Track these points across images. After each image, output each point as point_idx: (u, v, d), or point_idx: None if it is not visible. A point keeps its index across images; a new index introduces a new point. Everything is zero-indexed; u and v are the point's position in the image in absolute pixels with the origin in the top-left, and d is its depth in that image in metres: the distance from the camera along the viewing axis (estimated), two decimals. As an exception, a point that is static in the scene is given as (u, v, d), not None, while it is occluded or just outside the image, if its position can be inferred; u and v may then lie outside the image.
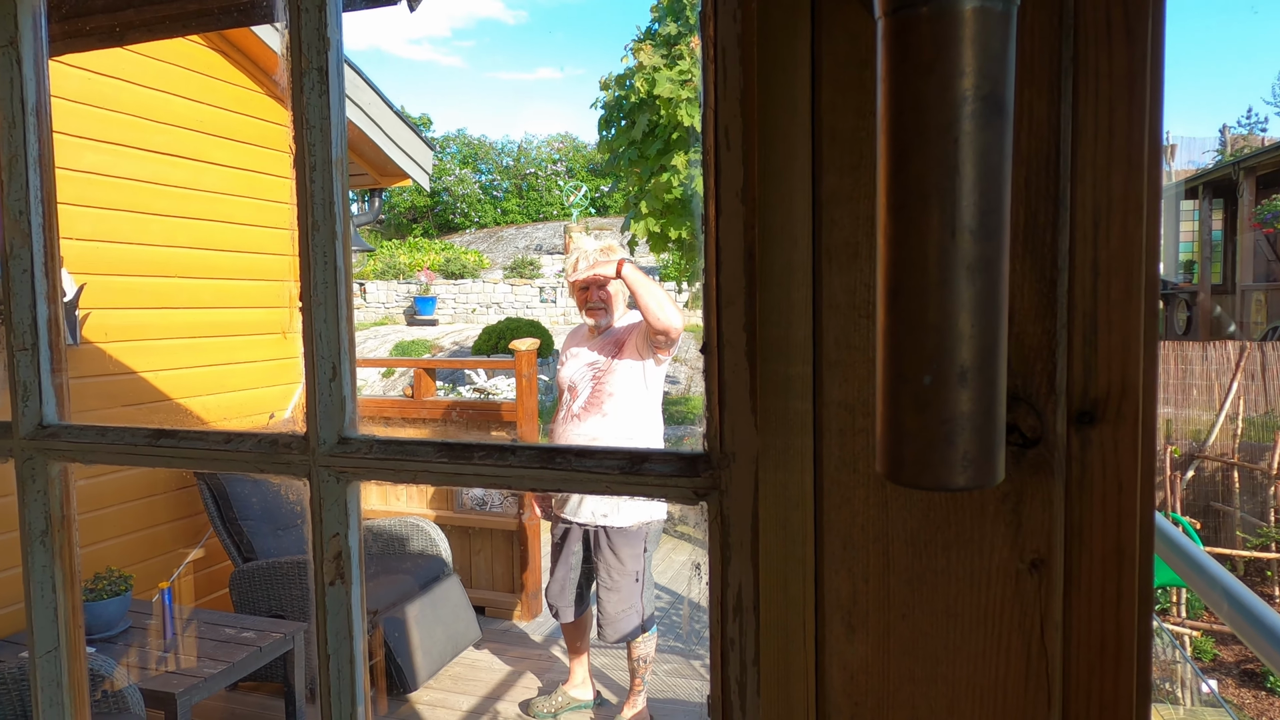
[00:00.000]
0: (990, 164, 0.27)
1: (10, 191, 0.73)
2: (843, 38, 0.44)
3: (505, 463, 0.60)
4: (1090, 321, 0.43)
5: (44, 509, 0.75)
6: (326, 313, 0.64)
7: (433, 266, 17.79)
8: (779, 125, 0.46)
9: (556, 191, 26.90)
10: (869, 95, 0.44)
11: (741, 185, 0.52)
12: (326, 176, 0.63)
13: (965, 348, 0.27)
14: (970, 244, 0.27)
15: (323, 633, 0.66)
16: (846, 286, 0.45)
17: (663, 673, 4.02)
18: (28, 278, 0.74)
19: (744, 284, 0.52)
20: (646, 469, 0.57)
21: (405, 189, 9.37)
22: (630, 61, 5.84)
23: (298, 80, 0.64)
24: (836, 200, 0.45)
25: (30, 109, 0.74)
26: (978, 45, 0.27)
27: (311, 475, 0.65)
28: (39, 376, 0.74)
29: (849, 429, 0.46)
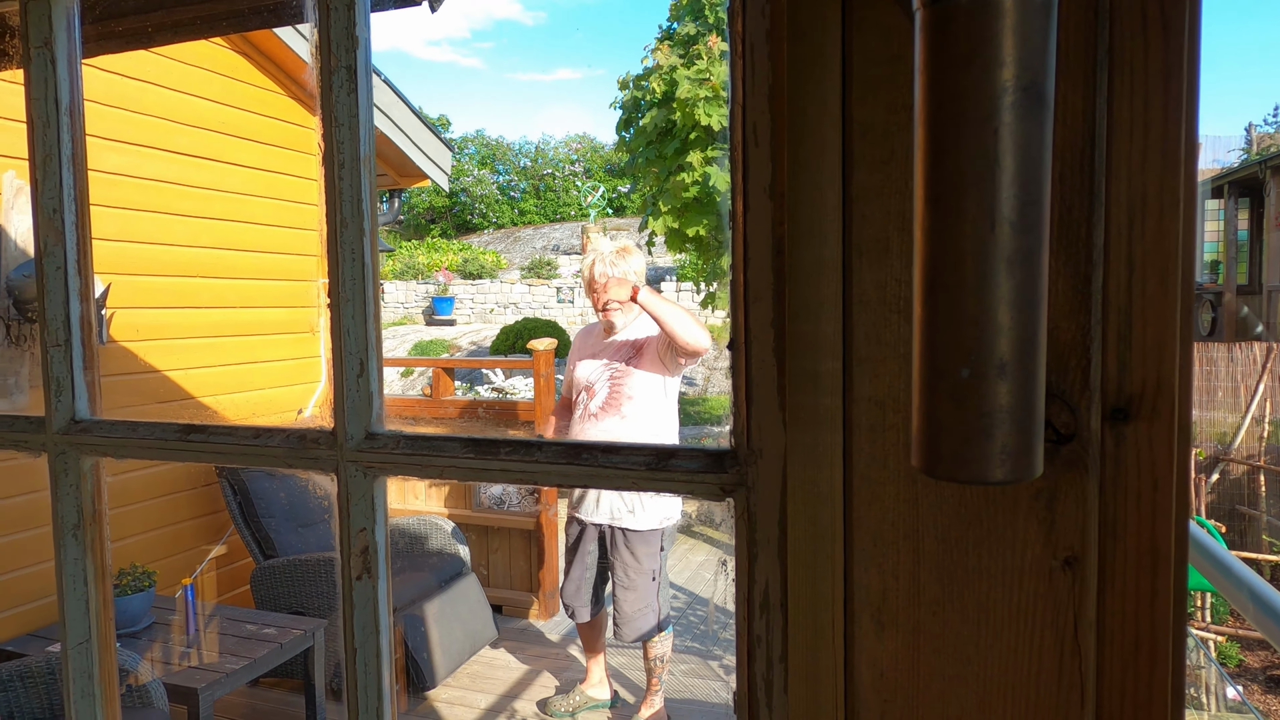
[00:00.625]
0: (1031, 156, 0.27)
1: (45, 190, 0.75)
2: (874, 33, 0.44)
3: (531, 458, 0.61)
4: (1125, 317, 0.42)
5: (76, 503, 0.76)
6: (354, 309, 0.65)
7: (451, 267, 17.88)
8: (809, 121, 0.46)
9: (574, 192, 26.95)
10: (900, 91, 0.44)
11: (769, 181, 0.52)
12: (355, 174, 0.64)
13: (1004, 341, 0.27)
14: (1010, 236, 0.27)
15: (349, 627, 0.66)
16: (877, 282, 0.45)
17: (680, 673, 4.01)
18: (61, 275, 0.75)
19: (772, 280, 0.52)
20: (673, 465, 0.57)
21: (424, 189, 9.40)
22: (650, 62, 5.85)
23: (326, 79, 0.64)
24: (867, 196, 0.45)
25: (64, 109, 0.75)
26: (1018, 36, 0.26)
27: (339, 470, 0.66)
28: (71, 372, 0.75)
29: (879, 425, 0.46)
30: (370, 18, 0.66)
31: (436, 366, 4.97)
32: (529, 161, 28.42)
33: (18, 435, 0.78)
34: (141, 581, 3.20)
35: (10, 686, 2.67)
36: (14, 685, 2.68)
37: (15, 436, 0.78)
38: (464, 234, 25.47)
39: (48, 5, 0.74)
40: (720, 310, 6.35)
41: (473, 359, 12.25)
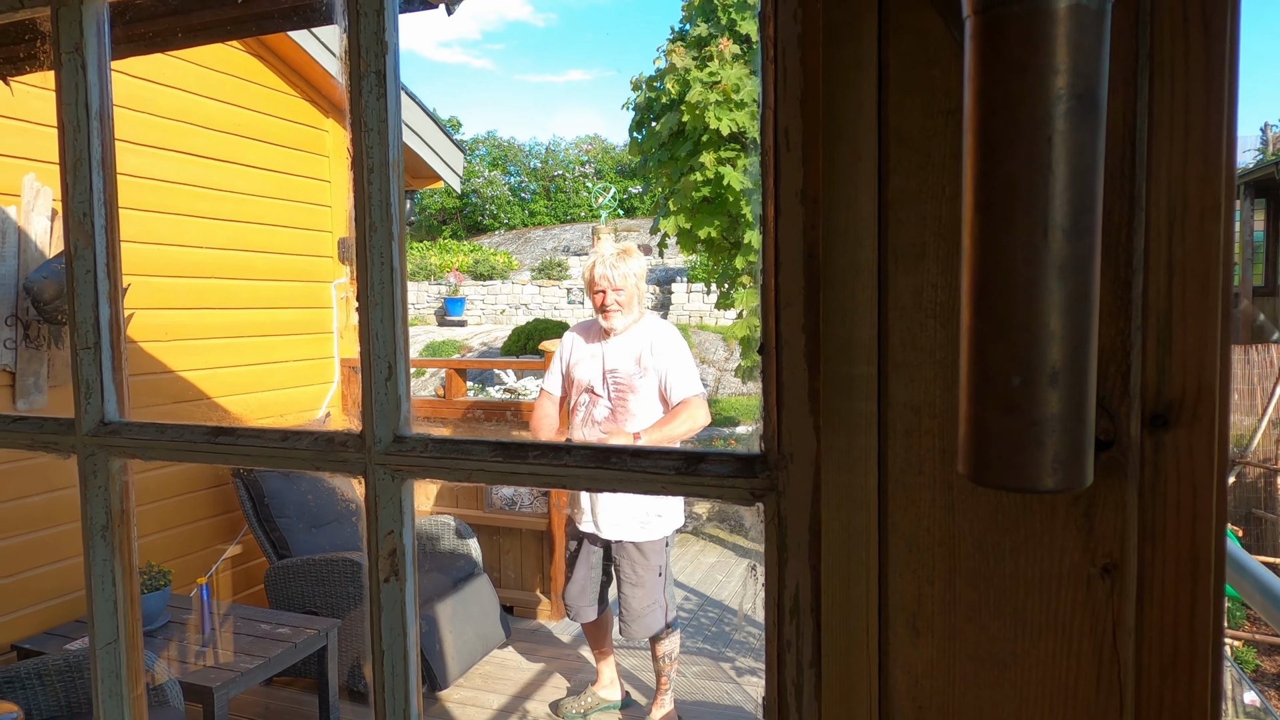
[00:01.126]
0: (1084, 163, 0.27)
1: (75, 194, 0.75)
2: (911, 37, 0.44)
3: (560, 462, 0.61)
4: (1165, 323, 0.42)
5: (105, 504, 0.76)
6: (383, 312, 0.65)
7: (462, 268, 17.93)
8: (844, 125, 0.46)
9: (584, 193, 26.99)
10: (937, 95, 0.44)
11: (801, 186, 0.52)
12: (384, 178, 0.64)
13: (1056, 348, 0.27)
14: (1062, 244, 0.27)
15: (377, 629, 0.67)
16: (913, 288, 0.45)
17: (691, 674, 4.01)
18: (91, 278, 0.75)
19: (803, 285, 0.52)
20: (702, 469, 0.57)
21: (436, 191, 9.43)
22: (663, 63, 5.85)
23: (356, 83, 0.65)
24: (903, 201, 0.45)
25: (94, 113, 0.76)
26: (1072, 43, 0.26)
27: (367, 473, 0.66)
28: (101, 375, 0.76)
29: (915, 430, 0.45)
30: (399, 22, 0.67)
31: (449, 368, 4.98)
32: (539, 163, 28.48)
33: (48, 437, 0.78)
34: (157, 580, 3.22)
35: (28, 684, 2.69)
36: (31, 683, 2.70)
37: (45, 438, 0.78)
38: (475, 235, 25.55)
39: (79, 10, 0.75)
40: (732, 310, 6.33)
41: (484, 360, 12.28)
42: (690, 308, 14.85)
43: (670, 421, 3.00)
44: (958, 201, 0.43)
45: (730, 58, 5.66)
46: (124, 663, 0.78)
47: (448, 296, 16.63)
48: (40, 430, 0.79)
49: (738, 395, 11.61)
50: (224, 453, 0.72)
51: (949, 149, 0.43)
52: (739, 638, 4.66)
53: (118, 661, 0.77)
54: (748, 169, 5.61)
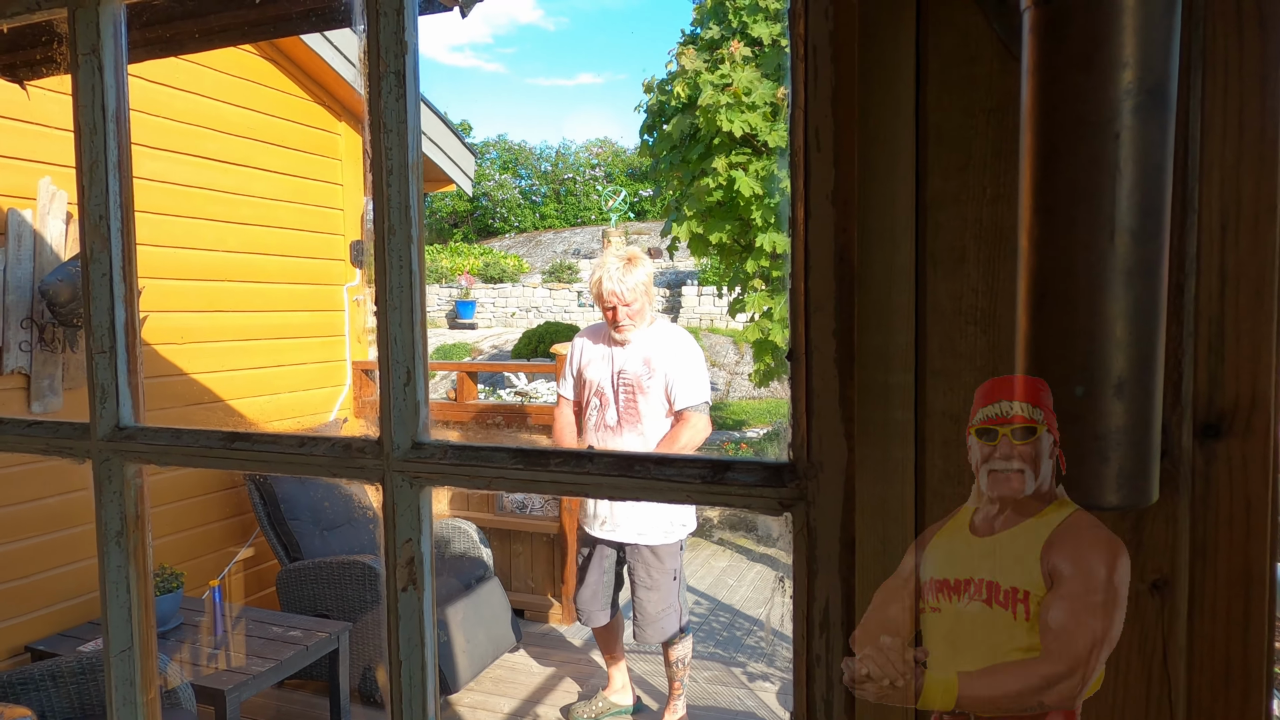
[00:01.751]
0: (1153, 162, 0.26)
1: (91, 197, 0.75)
2: (950, 33, 0.42)
3: (582, 470, 0.59)
4: (1217, 329, 0.40)
5: (119, 509, 0.76)
6: (401, 317, 0.64)
7: (472, 271, 17.97)
8: (880, 125, 0.45)
9: (595, 196, 27.01)
10: (978, 93, 0.42)
11: (833, 188, 0.50)
12: (403, 180, 0.63)
13: (1121, 357, 0.26)
14: (1129, 247, 0.26)
15: (394, 639, 0.65)
16: (952, 292, 0.43)
17: (703, 680, 3.99)
18: (106, 281, 0.75)
19: (834, 289, 0.50)
20: (729, 478, 0.56)
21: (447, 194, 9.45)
22: (674, 66, 5.84)
23: (375, 84, 0.63)
24: (942, 203, 0.43)
25: (110, 115, 0.75)
26: (1141, 35, 0.25)
27: (385, 480, 0.65)
28: (116, 379, 0.75)
29: (954, 440, 0.44)
30: (419, 23, 0.66)
31: (460, 371, 4.98)
32: (550, 166, 28.54)
33: (63, 441, 0.78)
34: (170, 583, 3.23)
35: (42, 686, 2.70)
36: (45, 685, 2.71)
37: (61, 443, 0.78)
38: (485, 238, 25.60)
39: (95, 12, 0.74)
40: (743, 315, 6.31)
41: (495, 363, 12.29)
42: (701, 310, 14.83)
43: (670, 445, 3.01)
44: (1000, 203, 0.42)
45: (741, 60, 5.64)
46: (138, 670, 0.77)
47: (459, 299, 16.67)
48: (55, 435, 0.78)
49: (748, 399, 11.57)
50: (240, 459, 0.71)
51: (990, 149, 0.42)
52: (750, 642, 4.64)
53: (132, 669, 0.76)
54: (760, 173, 5.59)
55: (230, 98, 4.03)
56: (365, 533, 4.24)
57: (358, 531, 4.20)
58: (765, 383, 6.43)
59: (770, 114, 5.56)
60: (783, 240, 5.72)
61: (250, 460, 0.71)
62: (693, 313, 14.88)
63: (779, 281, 5.87)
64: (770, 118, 5.57)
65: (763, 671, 4.15)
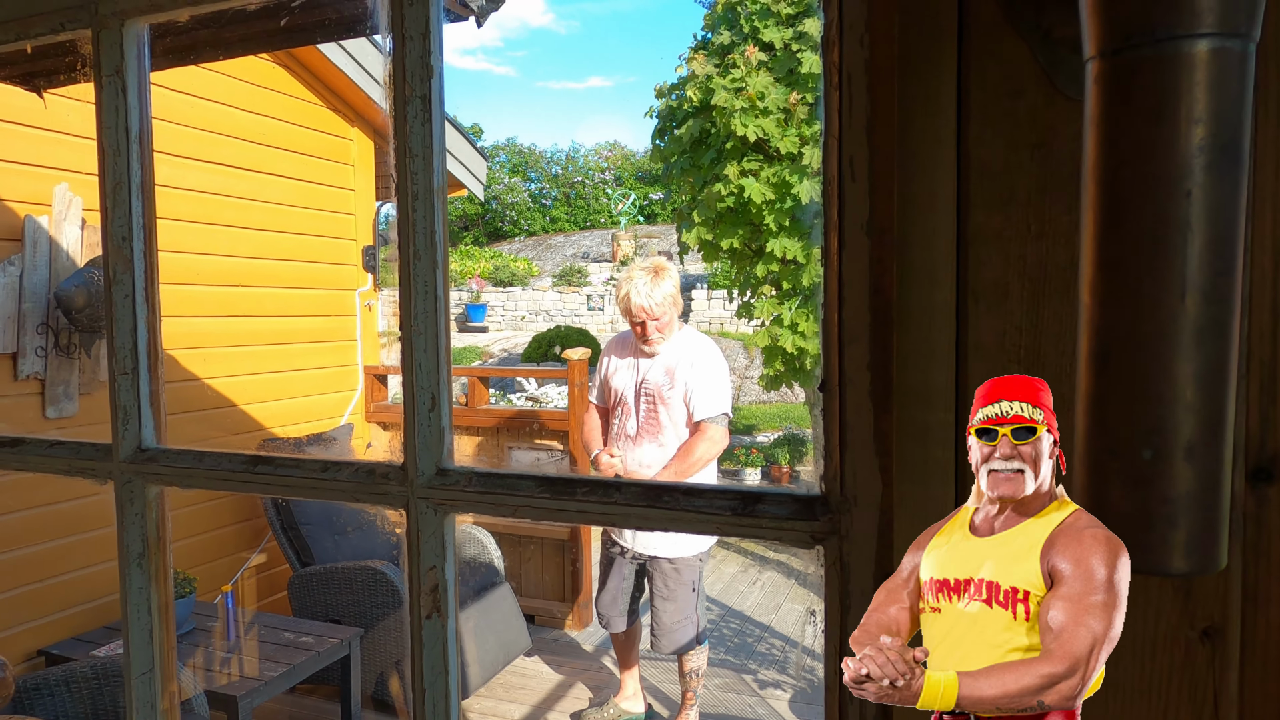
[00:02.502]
0: (1225, 219, 0.25)
1: (114, 218, 0.74)
2: (994, 66, 0.42)
3: (610, 499, 0.59)
4: (1269, 370, 0.39)
5: (141, 532, 0.75)
6: (426, 342, 0.63)
7: (483, 274, 18.01)
8: (920, 157, 0.44)
9: (604, 200, 27.04)
10: (1023, 128, 0.41)
11: (867, 218, 0.49)
12: (428, 205, 0.63)
13: (1192, 421, 0.25)
14: (1200, 308, 0.25)
15: (418, 667, 0.65)
16: (995, 330, 0.42)
17: (714, 687, 3.97)
18: (129, 303, 0.74)
19: (869, 321, 0.50)
20: (759, 510, 0.55)
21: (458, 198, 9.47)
22: (684, 70, 5.83)
23: (400, 109, 0.63)
24: (985, 238, 0.42)
25: (134, 136, 0.75)
26: (1215, 89, 0.24)
27: (409, 506, 0.64)
28: (139, 400, 0.75)
29: (996, 481, 0.43)
30: (444, 45, 0.65)
31: (472, 375, 4.98)
32: (560, 169, 28.59)
33: (85, 462, 0.78)
34: (182, 588, 3.24)
35: (56, 692, 2.71)
36: (59, 690, 2.72)
37: (83, 464, 0.78)
38: (495, 241, 25.66)
39: (119, 33, 0.74)
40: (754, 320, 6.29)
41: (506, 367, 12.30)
42: (711, 314, 14.80)
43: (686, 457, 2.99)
44: (1045, 240, 0.41)
45: (755, 64, 5.63)
46: (159, 693, 0.77)
47: (469, 303, 16.70)
48: (77, 456, 0.78)
49: (758, 403, 11.54)
50: (263, 483, 0.71)
51: (1035, 185, 0.41)
52: (761, 649, 4.61)
53: (153, 691, 0.76)
54: (771, 179, 5.57)
55: (244, 104, 4.04)
56: (376, 538, 4.24)
57: (369, 536, 4.20)
58: (774, 387, 6.41)
59: (783, 120, 5.54)
60: (794, 246, 5.70)
61: (274, 484, 0.70)
62: (702, 316, 14.86)
63: (789, 287, 5.85)
64: (783, 124, 5.55)
65: (774, 679, 4.13)
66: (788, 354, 5.91)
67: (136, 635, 0.76)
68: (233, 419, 4.01)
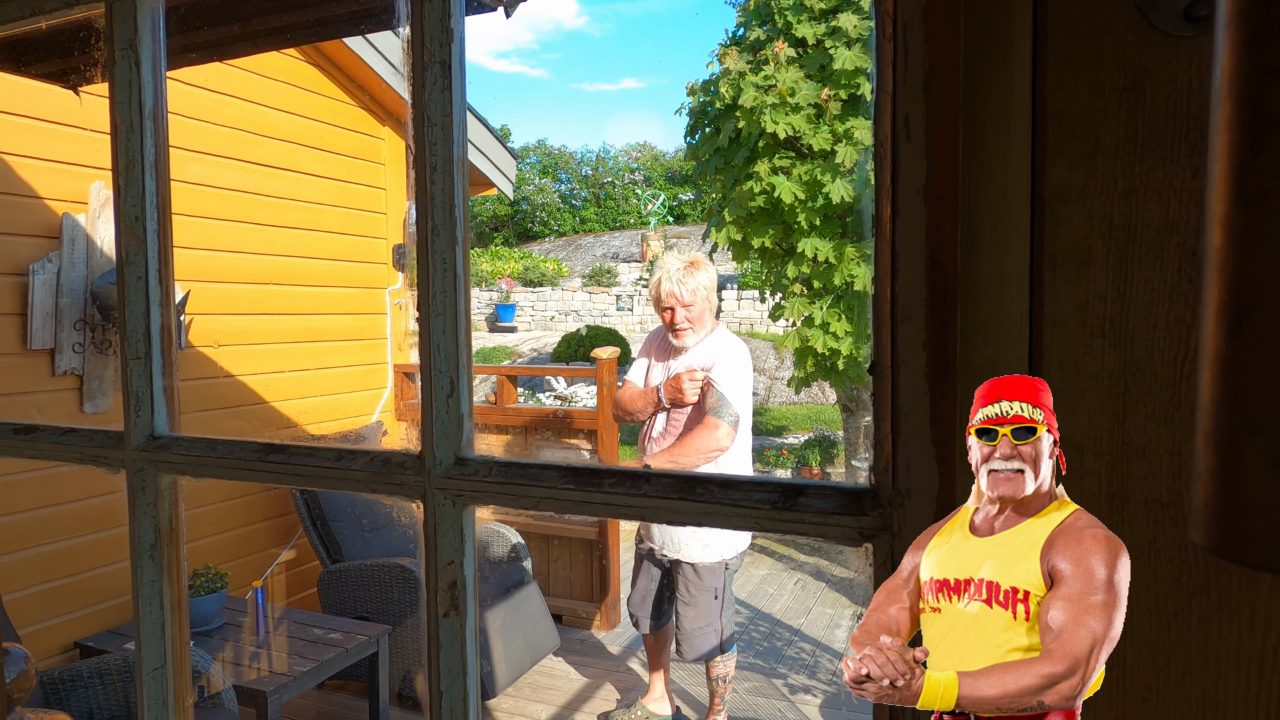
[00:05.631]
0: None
1: (127, 197, 0.72)
2: (1074, 1, 0.37)
3: (639, 491, 0.54)
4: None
5: (153, 522, 0.73)
6: (445, 323, 0.60)
7: (513, 274, 18.09)
8: (990, 109, 0.39)
9: (634, 200, 27.04)
10: (1108, 70, 0.36)
11: (924, 182, 0.45)
12: (447, 177, 0.59)
13: (1358, 387, 0.20)
14: (1371, 245, 0.20)
15: (435, 667, 0.61)
16: (1076, 300, 0.37)
17: (743, 691, 3.91)
18: (142, 284, 0.72)
19: (925, 296, 0.45)
20: (801, 504, 0.51)
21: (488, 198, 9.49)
22: (716, 67, 5.78)
23: (419, 75, 0.59)
24: (1064, 196, 0.38)
25: (148, 113, 0.72)
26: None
27: (426, 498, 0.61)
28: (151, 386, 0.72)
29: (1075, 472, 0.38)
30: (464, 10, 0.62)
31: (500, 374, 4.98)
32: (590, 170, 28.65)
33: (97, 450, 0.75)
34: (214, 583, 3.26)
35: (90, 684, 2.73)
36: (93, 683, 2.74)
37: (95, 452, 0.75)
38: (525, 242, 25.77)
39: (133, 6, 0.71)
40: (783, 321, 6.21)
41: (535, 366, 12.33)
42: (741, 314, 14.71)
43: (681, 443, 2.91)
44: (1135, 197, 0.36)
45: (785, 61, 5.56)
46: (171, 689, 0.74)
47: (499, 303, 16.77)
48: (90, 443, 0.76)
49: (789, 404, 11.44)
50: (276, 471, 0.68)
51: (1123, 134, 0.36)
52: (791, 654, 4.54)
53: (164, 688, 0.73)
54: (803, 177, 5.49)
55: (276, 103, 4.07)
56: (406, 533, 4.25)
57: (398, 533, 4.21)
58: (804, 388, 6.32)
59: (814, 116, 5.46)
60: (825, 246, 5.61)
61: (286, 473, 0.67)
62: (732, 317, 14.77)
63: (820, 286, 5.76)
64: (814, 119, 5.47)
65: (804, 684, 4.06)
66: (819, 354, 5.82)
67: (148, 630, 0.73)
68: (264, 416, 4.04)
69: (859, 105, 5.44)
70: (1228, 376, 0.22)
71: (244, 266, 3.92)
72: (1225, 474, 0.22)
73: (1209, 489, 0.23)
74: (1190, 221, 0.34)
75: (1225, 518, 0.23)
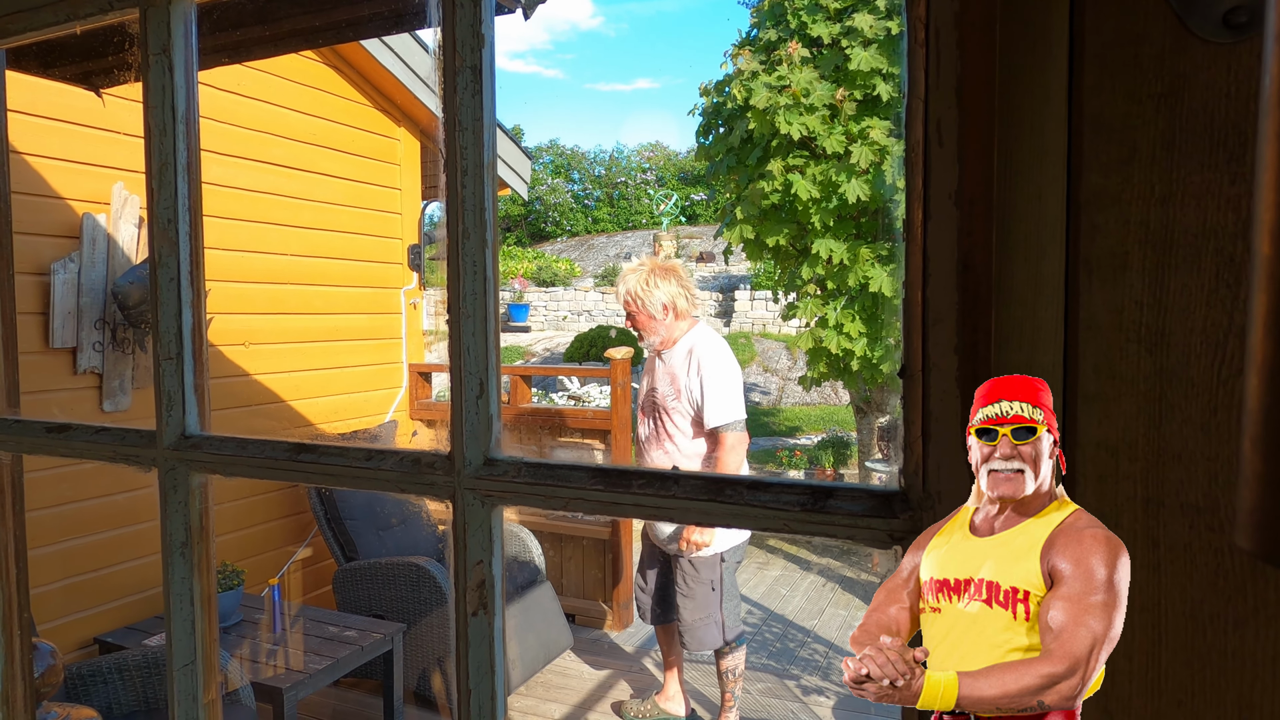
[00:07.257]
0: None
1: (160, 199, 0.73)
2: (1113, 6, 0.37)
3: (668, 493, 0.55)
4: None
5: (184, 520, 0.74)
6: (475, 325, 0.60)
7: (526, 274, 18.13)
8: (1026, 113, 0.39)
9: (646, 200, 27.05)
10: (1146, 76, 0.37)
11: (956, 187, 0.45)
12: (478, 181, 0.60)
13: None
14: None
15: (463, 666, 0.62)
16: (1111, 304, 0.38)
17: (756, 692, 3.91)
18: (174, 286, 0.73)
19: (956, 300, 0.45)
20: (831, 506, 0.51)
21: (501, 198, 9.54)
22: (729, 67, 5.77)
23: (450, 79, 0.60)
24: (1100, 202, 0.38)
25: (180, 117, 0.73)
26: None
27: (456, 498, 0.61)
28: (183, 386, 0.73)
29: (1110, 475, 0.38)
30: (495, 16, 0.62)
31: (514, 374, 4.99)
32: (603, 170, 28.68)
33: (129, 449, 0.76)
34: (231, 580, 3.28)
35: (109, 679, 2.76)
36: (112, 678, 2.77)
37: (127, 450, 0.76)
38: (538, 242, 25.82)
39: (166, 11, 0.72)
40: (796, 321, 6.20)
41: (549, 366, 12.36)
42: (754, 315, 14.69)
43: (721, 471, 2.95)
44: (1171, 204, 0.36)
45: (799, 61, 5.55)
46: (200, 684, 0.75)
47: (512, 303, 16.81)
48: (122, 442, 0.77)
49: (801, 405, 11.42)
50: (306, 471, 0.68)
51: (1160, 139, 0.36)
52: (804, 655, 4.54)
53: (195, 684, 0.74)
54: (817, 177, 5.47)
55: (293, 104, 4.10)
56: (420, 532, 4.27)
57: (413, 531, 4.23)
58: (815, 386, 6.30)
59: (828, 116, 5.45)
60: (839, 247, 5.59)
61: (316, 473, 0.68)
62: (745, 317, 14.75)
63: (834, 287, 5.74)
64: (828, 120, 5.46)
65: (817, 685, 4.05)
66: (832, 355, 5.80)
67: (179, 626, 0.74)
68: (280, 414, 4.07)
69: (875, 105, 5.42)
70: (1276, 382, 0.22)
71: (259, 266, 3.95)
72: (1273, 479, 0.22)
73: (1256, 494, 0.23)
74: (1228, 227, 0.35)
75: (1273, 523, 0.23)
